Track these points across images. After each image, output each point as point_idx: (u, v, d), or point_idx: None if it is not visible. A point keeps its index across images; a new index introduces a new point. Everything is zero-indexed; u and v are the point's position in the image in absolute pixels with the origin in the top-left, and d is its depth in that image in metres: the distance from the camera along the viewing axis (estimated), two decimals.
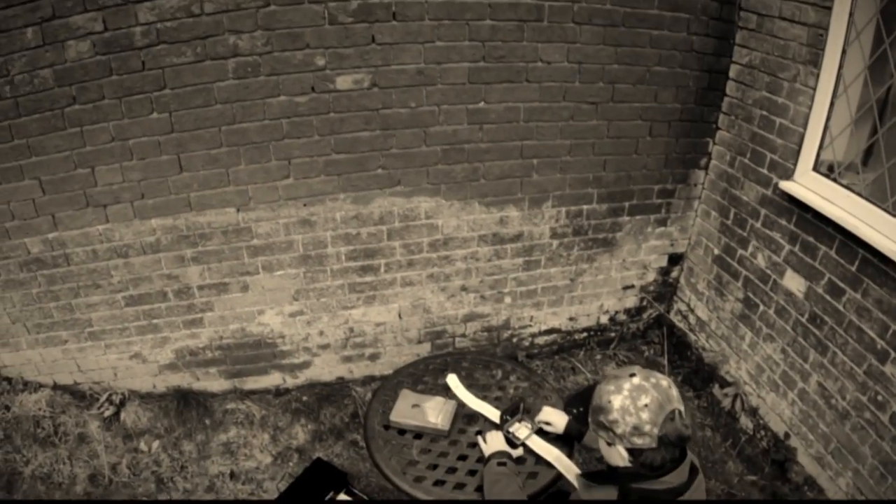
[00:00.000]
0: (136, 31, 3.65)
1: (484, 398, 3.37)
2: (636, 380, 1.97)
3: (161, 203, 4.01)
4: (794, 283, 4.05)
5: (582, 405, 2.28)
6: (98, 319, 4.38)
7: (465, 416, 3.29)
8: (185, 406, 4.65)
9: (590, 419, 2.10)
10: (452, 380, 3.49)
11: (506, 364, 3.70)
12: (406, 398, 3.31)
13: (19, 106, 3.76)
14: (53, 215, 4.02)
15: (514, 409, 3.08)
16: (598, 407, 2.02)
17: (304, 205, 4.11)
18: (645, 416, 1.91)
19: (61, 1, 3.60)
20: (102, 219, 4.05)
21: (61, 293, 4.27)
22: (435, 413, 3.20)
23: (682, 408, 1.98)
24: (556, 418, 2.92)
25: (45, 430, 4.44)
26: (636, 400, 1.93)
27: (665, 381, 1.99)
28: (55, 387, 4.66)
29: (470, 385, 3.48)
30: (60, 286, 4.24)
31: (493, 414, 3.22)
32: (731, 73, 4.45)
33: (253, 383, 4.88)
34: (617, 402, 1.96)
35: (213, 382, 4.81)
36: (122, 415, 4.59)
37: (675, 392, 1.98)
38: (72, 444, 4.40)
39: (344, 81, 3.82)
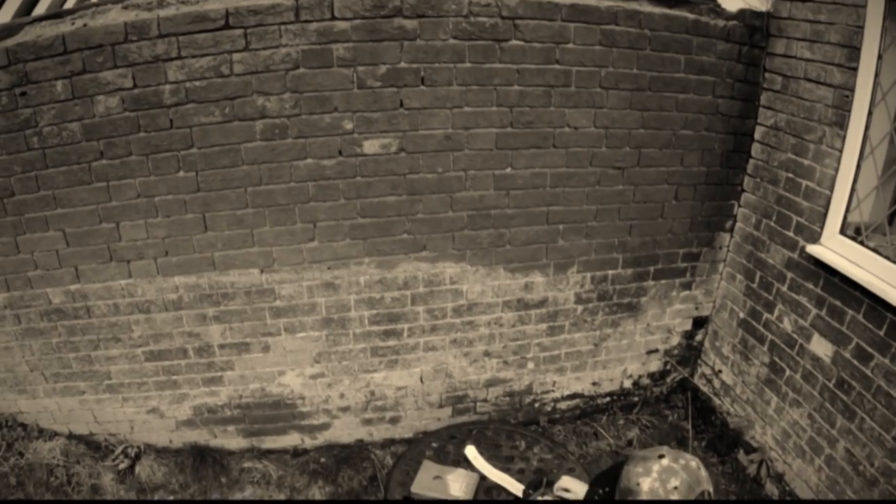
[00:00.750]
0: (166, 88, 3.69)
1: (507, 470, 3.32)
2: (665, 461, 1.94)
3: (185, 261, 4.01)
4: (821, 347, 3.99)
5: (608, 485, 2.23)
6: (117, 373, 4.36)
7: (486, 489, 3.23)
8: (202, 463, 4.60)
9: (617, 500, 2.06)
10: (471, 451, 3.44)
11: (529, 435, 3.65)
12: (428, 469, 3.26)
13: (47, 157, 3.80)
14: (76, 267, 4.03)
15: (538, 483, 3.03)
16: (627, 489, 1.97)
17: (329, 268, 4.09)
18: (675, 498, 1.87)
19: (92, 56, 3.65)
20: (125, 274, 4.05)
21: (81, 344, 4.26)
22: (457, 485, 3.15)
23: (711, 489, 1.94)
24: (575, 486, 2.87)
25: (58, 478, 4.40)
26: (665, 483, 1.89)
27: (694, 462, 1.95)
28: (70, 436, 4.63)
29: (493, 456, 3.43)
30: (80, 338, 4.23)
31: (516, 487, 3.17)
32: (757, 135, 4.42)
33: (271, 443, 4.82)
34: (646, 484, 1.91)
35: (231, 440, 4.76)
36: (137, 468, 4.54)
37: (704, 473, 1.95)
38: (85, 495, 4.35)
39: (371, 146, 3.82)
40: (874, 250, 3.60)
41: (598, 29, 3.91)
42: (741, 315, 4.73)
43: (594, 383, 5.19)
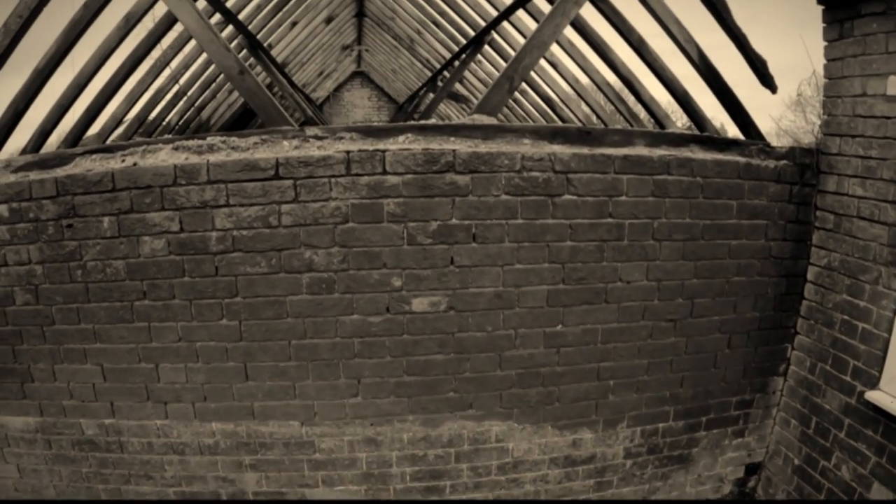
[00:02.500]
0: (212, 235, 3.66)
1: None
2: None
3: (223, 408, 3.91)
4: (881, 496, 3.78)
5: None
6: None
7: None
8: None
9: None
10: None
11: None
12: None
13: (89, 292, 3.78)
14: (112, 403, 3.97)
15: None
16: None
17: (372, 424, 3.97)
18: None
19: (140, 196, 3.64)
20: (162, 414, 3.97)
21: (111, 478, 4.16)
22: None
23: None
24: None
25: None
26: None
27: None
28: None
29: None
30: (111, 471, 4.14)
31: None
32: (810, 276, 4.29)
33: None
34: None
35: None
36: None
37: None
38: None
39: (420, 303, 3.74)
40: None
41: (650, 180, 3.85)
42: (796, 462, 4.52)
43: None
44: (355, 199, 3.58)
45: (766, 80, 4.66)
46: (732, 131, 6.06)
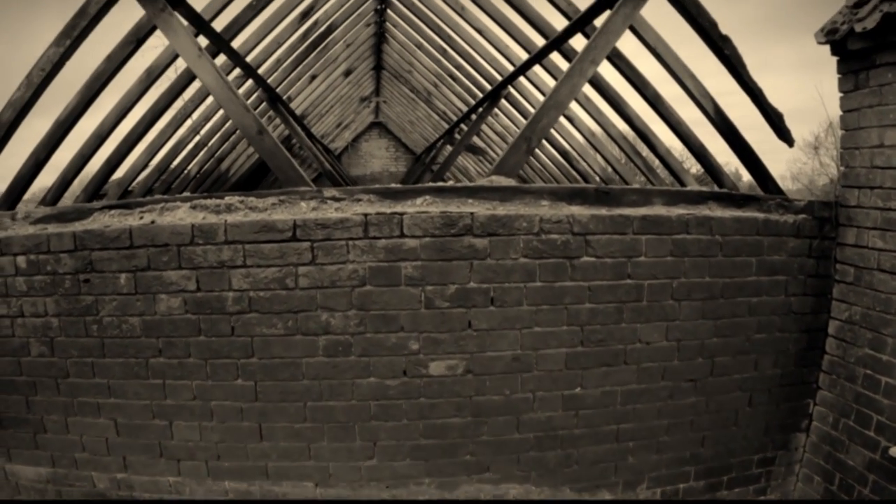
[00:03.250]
0: (229, 295, 3.66)
1: None
2: None
3: (237, 467, 3.88)
4: None
5: None
6: None
7: None
8: None
9: None
10: None
11: None
12: None
13: (105, 346, 3.79)
14: (125, 457, 3.96)
15: None
16: None
17: (387, 487, 3.92)
18: None
19: (157, 254, 3.65)
20: (175, 471, 3.95)
21: None
22: None
23: None
24: None
25: None
26: None
27: None
28: None
29: None
30: None
31: None
32: (831, 330, 4.23)
33: None
34: None
35: None
36: None
37: None
38: None
39: (437, 367, 3.71)
40: None
41: (669, 239, 3.82)
42: None
43: None
44: (373, 262, 3.57)
45: (783, 134, 4.65)
46: (747, 176, 6.01)
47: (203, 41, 6.07)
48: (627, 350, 3.86)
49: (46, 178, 6.42)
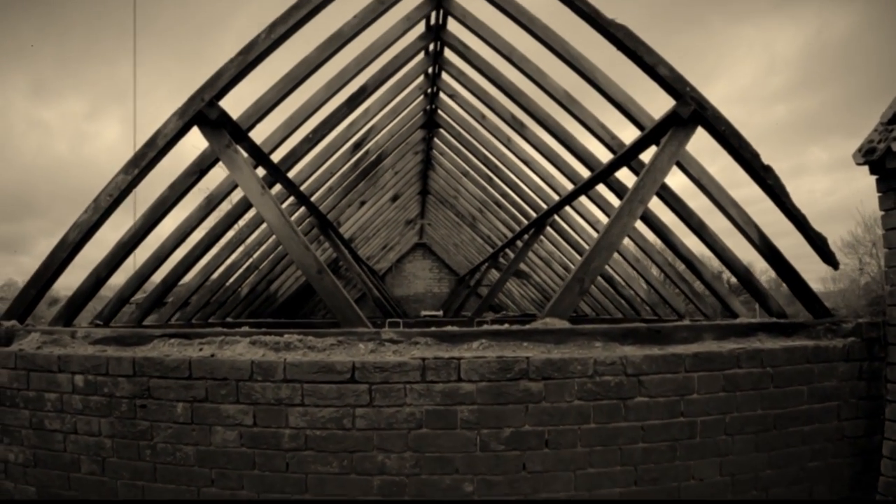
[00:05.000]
0: (285, 432, 3.73)
1: None
2: None
3: None
4: None
5: None
6: None
7: None
8: None
9: None
10: None
11: None
12: None
13: (157, 472, 3.86)
14: None
15: None
16: None
17: None
18: None
19: (216, 387, 3.74)
20: None
21: None
22: None
23: None
24: None
25: None
26: None
27: None
28: None
29: None
30: None
31: None
32: (885, 451, 4.19)
33: None
34: None
35: None
36: None
37: None
38: None
39: None
40: None
41: (720, 375, 3.87)
42: None
43: None
44: (429, 405, 3.63)
45: (828, 258, 4.68)
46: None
47: (261, 171, 6.31)
48: (681, 487, 3.86)
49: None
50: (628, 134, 5.65)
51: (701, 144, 4.88)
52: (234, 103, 5.00)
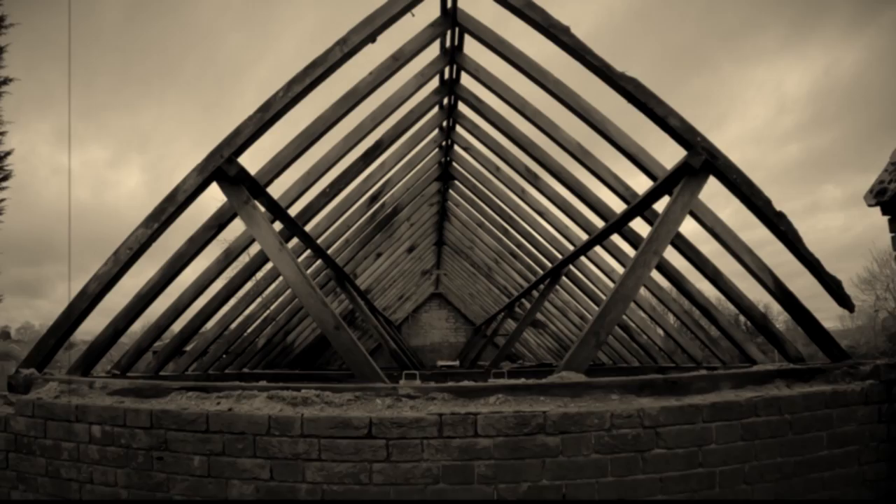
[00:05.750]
0: (302, 487, 3.73)
1: None
2: None
3: None
4: None
5: None
6: None
7: None
8: None
9: None
10: None
11: None
12: None
13: None
14: None
15: None
16: None
17: None
18: None
19: (233, 441, 3.76)
20: None
21: None
22: None
23: None
24: None
25: None
26: None
27: None
28: None
29: None
30: None
31: None
32: None
33: None
34: None
35: None
36: None
37: None
38: None
39: None
40: None
41: (738, 424, 3.84)
42: None
43: None
44: (447, 460, 3.63)
45: (843, 301, 4.69)
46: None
47: (278, 225, 6.46)
48: None
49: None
50: (641, 180, 5.74)
51: (714, 189, 4.94)
52: (252, 153, 5.15)
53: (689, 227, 5.46)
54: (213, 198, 5.29)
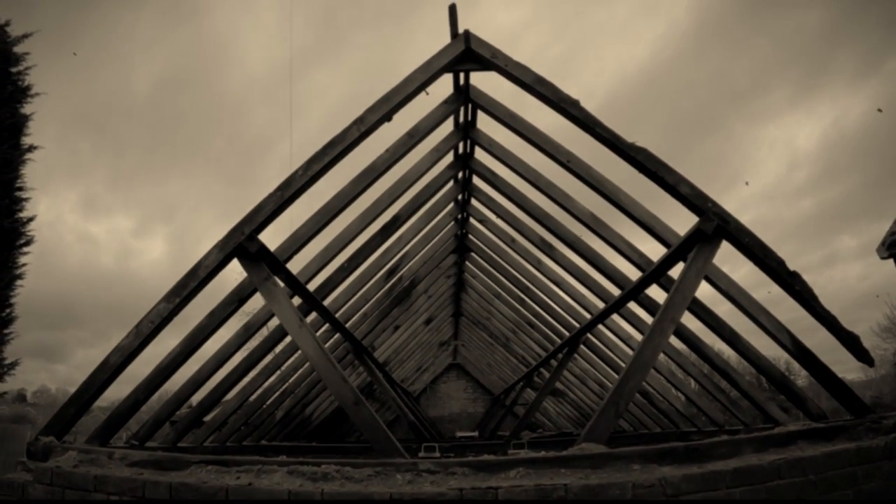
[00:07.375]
0: None
1: None
2: None
3: None
4: None
5: None
6: None
7: None
8: None
9: None
10: None
11: None
12: None
13: None
14: None
15: None
16: None
17: None
18: None
19: None
20: None
21: None
22: None
23: None
24: None
25: None
26: None
27: None
28: None
29: None
30: None
31: None
32: None
33: None
34: None
35: None
36: None
37: None
38: None
39: None
40: None
41: (762, 488, 3.75)
42: None
43: None
44: None
45: (861, 356, 4.68)
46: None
47: (297, 300, 6.58)
48: None
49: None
50: (655, 246, 5.79)
51: (729, 249, 4.97)
52: (273, 225, 5.24)
53: (705, 288, 5.49)
54: (234, 270, 5.42)
